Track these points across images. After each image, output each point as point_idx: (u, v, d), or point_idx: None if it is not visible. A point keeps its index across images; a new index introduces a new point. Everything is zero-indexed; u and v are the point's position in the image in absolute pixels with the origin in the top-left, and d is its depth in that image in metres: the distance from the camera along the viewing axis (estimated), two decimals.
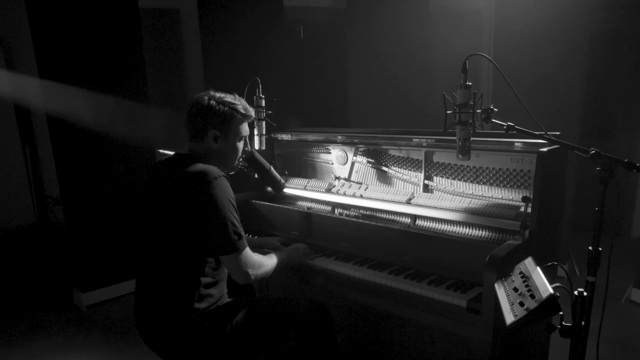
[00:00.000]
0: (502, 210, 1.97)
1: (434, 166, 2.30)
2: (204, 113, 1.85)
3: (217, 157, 1.91)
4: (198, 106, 1.86)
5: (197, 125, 1.86)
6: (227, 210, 1.73)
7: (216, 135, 1.88)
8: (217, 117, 1.86)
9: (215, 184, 1.73)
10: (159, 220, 1.80)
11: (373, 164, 2.55)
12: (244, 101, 1.97)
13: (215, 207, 1.71)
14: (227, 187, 1.78)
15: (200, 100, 1.87)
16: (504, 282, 1.43)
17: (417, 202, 2.23)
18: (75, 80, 3.54)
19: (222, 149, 1.91)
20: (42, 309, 3.83)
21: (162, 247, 1.80)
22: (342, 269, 2.10)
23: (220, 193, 1.73)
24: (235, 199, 1.82)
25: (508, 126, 1.73)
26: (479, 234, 2.02)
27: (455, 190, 2.21)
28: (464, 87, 1.77)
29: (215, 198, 1.71)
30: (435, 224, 2.18)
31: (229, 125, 1.90)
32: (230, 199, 1.77)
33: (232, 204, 1.77)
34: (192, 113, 1.87)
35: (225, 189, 1.76)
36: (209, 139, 1.87)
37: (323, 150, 2.80)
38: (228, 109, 1.88)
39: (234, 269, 1.81)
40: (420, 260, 2.03)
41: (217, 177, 1.75)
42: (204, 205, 1.71)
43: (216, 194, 1.72)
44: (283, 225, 2.64)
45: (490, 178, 2.10)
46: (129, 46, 3.83)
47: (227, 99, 1.90)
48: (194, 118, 1.86)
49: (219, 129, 1.88)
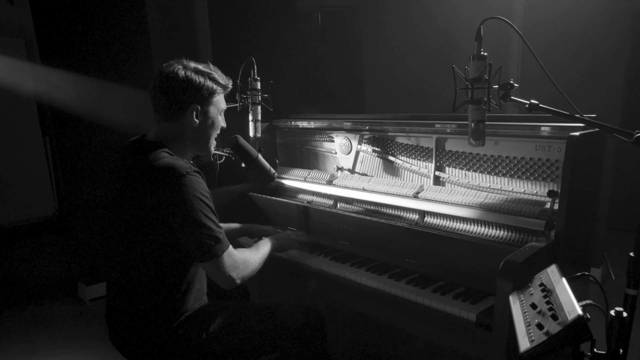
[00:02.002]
0: (524, 206, 1.67)
1: (446, 155, 2.01)
2: (182, 86, 1.58)
3: (194, 136, 1.67)
4: (173, 79, 1.58)
5: (174, 101, 1.60)
6: (200, 212, 1.49)
7: (197, 111, 1.63)
8: (196, 90, 1.61)
9: (184, 182, 1.48)
10: (124, 220, 1.57)
11: (379, 153, 2.28)
12: (219, 70, 1.72)
13: (185, 209, 1.47)
14: (199, 183, 1.53)
15: (174, 71, 1.60)
16: (521, 295, 1.15)
17: (426, 196, 1.95)
18: (74, 67, 3.38)
19: (201, 126, 1.66)
20: (48, 300, 3.78)
21: (130, 248, 1.57)
22: (337, 270, 1.85)
23: (191, 192, 1.48)
24: (210, 194, 1.58)
25: (531, 104, 1.44)
26: (496, 234, 1.73)
27: (469, 182, 1.92)
28: (477, 58, 1.48)
29: (185, 199, 1.47)
30: (445, 221, 1.90)
31: (209, 97, 1.65)
32: (203, 197, 1.52)
33: (205, 202, 1.52)
34: (167, 88, 1.59)
35: (197, 186, 1.51)
36: (188, 116, 1.62)
37: (326, 138, 2.55)
38: (208, 79, 1.63)
39: (215, 276, 1.58)
40: (426, 263, 1.76)
41: (187, 174, 1.50)
42: (172, 208, 1.48)
43: (186, 194, 1.47)
44: (281, 219, 2.40)
45: (510, 169, 1.80)
46: (133, 31, 3.64)
47: (203, 69, 1.65)
48: (170, 93, 1.59)
49: (200, 103, 1.63)
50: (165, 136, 1.63)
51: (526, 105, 1.44)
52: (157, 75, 1.62)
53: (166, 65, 1.63)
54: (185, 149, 1.68)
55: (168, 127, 1.63)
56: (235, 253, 1.60)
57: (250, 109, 2.35)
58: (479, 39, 1.50)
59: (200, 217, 1.49)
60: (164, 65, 1.63)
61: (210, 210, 1.53)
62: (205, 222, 1.49)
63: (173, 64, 1.62)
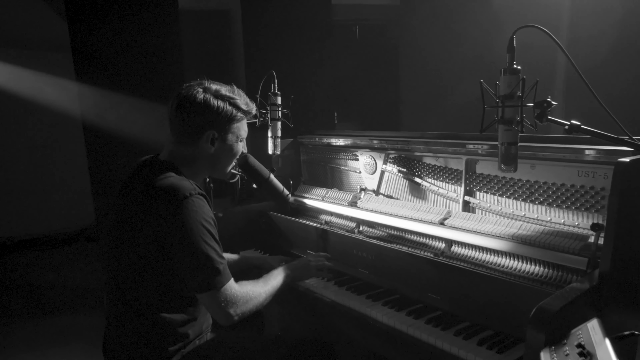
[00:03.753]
0: (563, 240, 1.47)
1: (477, 179, 1.83)
2: (199, 110, 1.50)
3: (208, 161, 1.58)
4: (191, 101, 1.50)
5: (189, 124, 1.51)
6: (200, 239, 1.38)
7: (213, 137, 1.54)
8: (215, 115, 1.51)
9: (186, 205, 1.38)
10: (122, 242, 1.49)
11: (405, 174, 2.12)
12: (243, 94, 1.61)
13: (184, 234, 1.37)
14: (202, 207, 1.42)
15: (192, 93, 1.51)
16: (554, 354, 0.97)
17: (453, 223, 1.77)
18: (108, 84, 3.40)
19: (217, 152, 1.57)
20: (74, 311, 3.76)
21: (128, 274, 1.48)
22: (352, 302, 1.70)
23: (192, 216, 1.38)
24: (214, 220, 1.47)
25: (572, 125, 1.26)
26: (530, 270, 1.53)
27: (502, 210, 1.73)
28: (509, 71, 1.32)
29: (185, 223, 1.37)
30: (474, 251, 1.71)
31: (228, 124, 1.55)
32: (205, 223, 1.41)
33: (208, 228, 1.41)
34: (184, 109, 1.51)
35: (199, 210, 1.41)
36: (204, 142, 1.53)
37: (350, 156, 2.41)
38: (228, 104, 1.53)
39: (211, 309, 1.48)
40: (450, 299, 1.58)
41: (189, 196, 1.39)
42: (171, 232, 1.38)
43: (187, 218, 1.37)
44: (300, 241, 2.28)
45: (549, 196, 1.60)
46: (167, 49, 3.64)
47: (225, 92, 1.55)
48: (186, 116, 1.51)
49: (217, 129, 1.54)
50: (178, 158, 1.54)
51: (565, 127, 1.26)
52: (175, 96, 1.54)
53: (186, 86, 1.55)
54: (198, 173, 1.59)
55: (182, 150, 1.54)
56: (236, 287, 1.47)
57: (270, 125, 2.24)
58: (511, 50, 1.33)
59: (200, 244, 1.38)
60: (184, 86, 1.55)
61: (212, 237, 1.42)
62: (205, 250, 1.38)
63: (193, 85, 1.54)
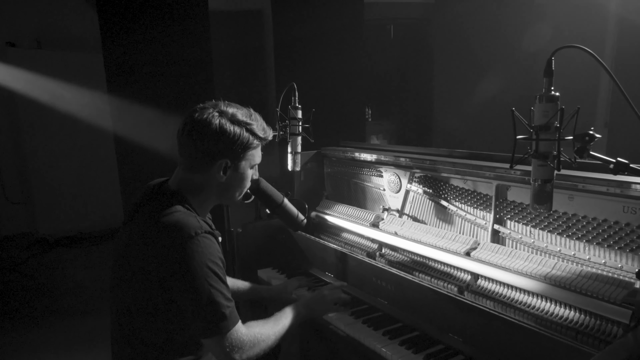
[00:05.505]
0: (603, 286, 1.31)
1: (508, 206, 1.68)
2: (214, 136, 1.37)
3: (218, 190, 1.48)
4: (205, 126, 1.38)
5: (202, 151, 1.40)
6: (205, 282, 1.29)
7: (226, 165, 1.43)
8: (230, 143, 1.39)
9: (191, 245, 1.29)
10: (125, 281, 1.40)
11: (430, 195, 1.98)
12: (260, 118, 1.49)
13: (189, 278, 1.28)
14: (208, 247, 1.33)
15: (207, 117, 1.38)
16: None
17: (479, 256, 1.63)
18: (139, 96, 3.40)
19: (228, 181, 1.47)
20: (85, 314, 3.75)
21: (130, 314, 1.40)
22: (368, 339, 1.59)
23: (197, 258, 1.29)
24: (222, 259, 1.38)
25: (618, 164, 1.10)
26: (564, 315, 1.37)
27: (534, 243, 1.57)
28: (546, 99, 1.17)
29: (189, 266, 1.28)
30: (502, 288, 1.56)
31: (243, 152, 1.44)
32: (211, 264, 1.31)
33: (214, 270, 1.32)
34: (197, 135, 1.39)
35: (205, 251, 1.31)
36: (215, 170, 1.42)
37: (374, 173, 2.29)
38: (245, 131, 1.41)
39: (216, 354, 1.38)
40: (472, 341, 1.44)
41: (195, 236, 1.30)
42: (175, 274, 1.29)
43: (191, 259, 1.28)
44: (319, 262, 2.19)
45: (588, 232, 1.43)
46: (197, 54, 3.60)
47: (242, 117, 1.42)
48: (199, 142, 1.39)
49: (231, 158, 1.42)
50: (186, 186, 1.44)
51: (610, 166, 1.11)
52: (187, 118, 1.42)
53: (200, 107, 1.42)
54: (207, 202, 1.50)
55: (191, 177, 1.44)
56: (243, 330, 1.38)
57: (289, 140, 2.15)
58: (549, 73, 1.18)
59: (205, 287, 1.29)
60: (198, 107, 1.43)
61: (218, 280, 1.33)
62: (210, 294, 1.29)
63: (207, 108, 1.41)
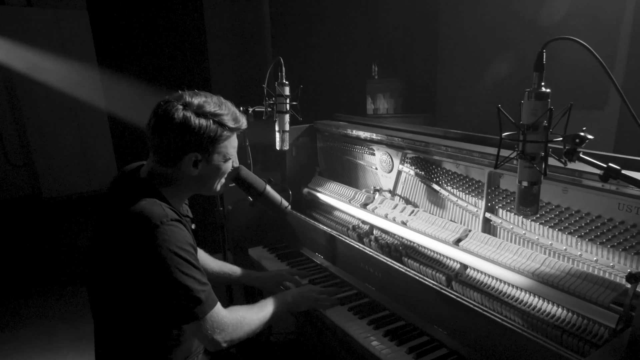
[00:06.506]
0: (592, 287, 1.26)
1: (501, 194, 1.61)
2: (177, 131, 1.31)
3: (193, 183, 1.42)
4: (168, 120, 1.31)
5: (167, 146, 1.33)
6: (176, 270, 1.26)
7: (196, 160, 1.36)
8: (196, 136, 1.32)
9: (157, 234, 1.25)
10: (100, 268, 1.38)
11: (422, 177, 1.91)
12: (231, 107, 1.41)
13: (158, 266, 1.25)
14: (176, 234, 1.29)
15: (170, 111, 1.31)
16: None
17: (468, 247, 1.58)
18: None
19: (202, 174, 1.40)
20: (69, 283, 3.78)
21: (104, 301, 1.40)
22: (353, 329, 1.57)
23: (165, 246, 1.25)
24: (193, 245, 1.35)
25: (609, 169, 1.02)
26: (551, 311, 1.33)
27: (526, 235, 1.52)
28: (535, 95, 1.08)
29: (156, 254, 1.25)
30: (491, 279, 1.52)
31: (213, 145, 1.37)
32: (180, 251, 1.28)
33: (183, 257, 1.28)
34: (161, 130, 1.33)
35: (172, 238, 1.27)
36: (185, 165, 1.36)
37: (367, 150, 2.21)
38: (212, 123, 1.34)
39: (198, 337, 1.38)
40: (458, 336, 1.42)
41: (160, 225, 1.26)
42: (143, 265, 1.26)
43: (159, 248, 1.24)
44: (310, 243, 2.16)
45: (581, 227, 1.37)
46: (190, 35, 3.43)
47: (210, 108, 1.34)
48: (164, 137, 1.32)
49: (200, 151, 1.36)
50: (158, 178, 1.39)
51: (601, 171, 1.03)
52: (152, 112, 1.36)
53: (165, 101, 1.35)
54: (181, 193, 1.45)
55: (161, 170, 1.39)
56: (223, 313, 1.37)
57: (276, 119, 2.06)
58: (539, 68, 1.08)
59: (176, 275, 1.26)
60: (162, 101, 1.36)
61: (190, 265, 1.30)
62: (182, 280, 1.27)
63: (171, 101, 1.34)
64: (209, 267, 1.87)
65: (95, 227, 1.41)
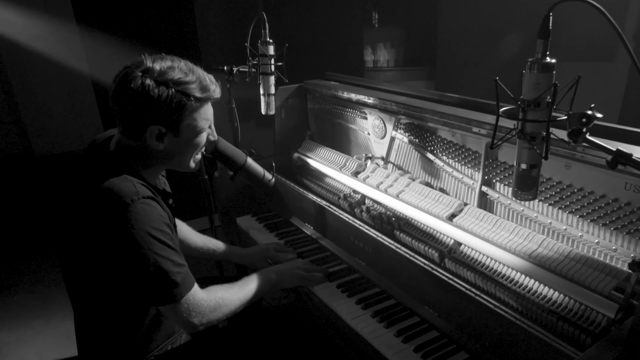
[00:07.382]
0: (592, 273, 1.17)
1: (499, 167, 1.50)
2: (136, 102, 1.19)
3: (162, 157, 1.32)
4: (125, 90, 1.19)
5: (127, 117, 1.23)
6: (149, 251, 1.18)
7: (160, 132, 1.24)
8: (156, 107, 1.19)
9: (128, 214, 1.16)
10: (70, 245, 1.31)
11: (416, 145, 1.80)
12: (201, 73, 1.27)
13: (132, 248, 1.18)
14: (149, 212, 1.20)
15: (129, 78, 1.18)
16: None
17: (462, 223, 1.49)
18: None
19: (170, 148, 1.28)
20: None
21: (81, 278, 1.34)
22: (340, 308, 1.51)
23: (137, 227, 1.17)
24: (168, 224, 1.26)
25: (617, 154, 0.90)
26: (547, 295, 1.25)
27: (524, 211, 1.42)
28: (539, 67, 0.94)
29: (130, 235, 1.16)
30: (485, 258, 1.44)
31: (178, 117, 1.24)
32: (153, 231, 1.19)
33: (157, 237, 1.20)
34: (118, 99, 1.21)
35: (145, 218, 1.18)
36: (149, 138, 1.24)
37: (359, 114, 2.08)
38: (175, 93, 1.20)
39: (174, 319, 1.32)
40: (449, 318, 1.35)
41: (132, 203, 1.17)
42: (117, 245, 1.19)
43: (130, 228, 1.16)
44: (299, 212, 2.07)
45: (583, 207, 1.27)
46: None
47: (174, 75, 1.20)
48: (123, 107, 1.21)
49: (163, 124, 1.23)
50: (126, 151, 1.29)
51: (610, 154, 0.91)
52: (114, 77, 1.23)
53: (125, 67, 1.22)
54: (153, 166, 1.34)
55: (128, 143, 1.28)
56: (200, 295, 1.30)
57: (261, 80, 1.91)
58: (544, 35, 0.94)
59: (150, 256, 1.19)
60: (123, 66, 1.23)
61: (164, 246, 1.22)
62: (156, 262, 1.19)
63: (132, 67, 1.21)
64: (193, 242, 1.80)
65: (62, 202, 1.32)
